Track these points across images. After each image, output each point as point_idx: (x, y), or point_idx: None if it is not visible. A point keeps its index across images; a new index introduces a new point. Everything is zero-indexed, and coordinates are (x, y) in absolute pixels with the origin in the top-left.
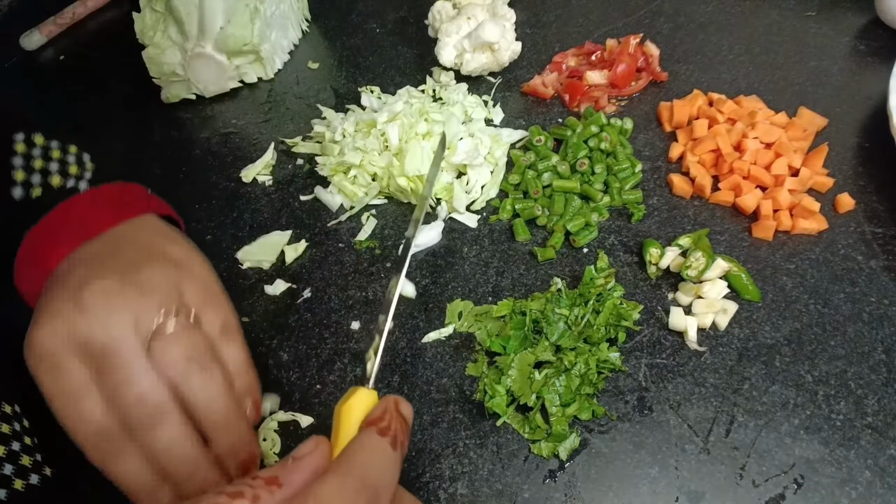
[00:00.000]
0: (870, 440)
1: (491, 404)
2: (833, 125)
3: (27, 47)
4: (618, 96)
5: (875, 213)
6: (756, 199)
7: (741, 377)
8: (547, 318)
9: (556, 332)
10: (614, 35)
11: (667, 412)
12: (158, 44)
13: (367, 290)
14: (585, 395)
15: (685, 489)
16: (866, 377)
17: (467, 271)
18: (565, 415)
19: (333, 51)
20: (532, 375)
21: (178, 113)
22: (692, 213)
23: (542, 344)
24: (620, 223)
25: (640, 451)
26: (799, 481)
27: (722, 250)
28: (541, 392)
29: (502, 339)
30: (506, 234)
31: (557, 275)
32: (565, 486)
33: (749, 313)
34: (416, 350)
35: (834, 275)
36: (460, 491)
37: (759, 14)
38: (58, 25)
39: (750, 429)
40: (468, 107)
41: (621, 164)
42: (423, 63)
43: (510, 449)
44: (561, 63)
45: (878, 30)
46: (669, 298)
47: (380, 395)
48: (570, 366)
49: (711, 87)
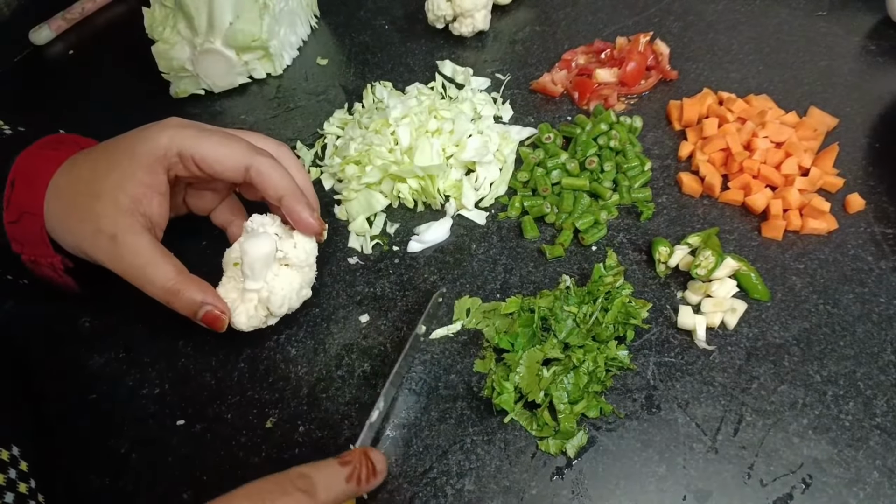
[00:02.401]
0: (878, 441)
1: (499, 401)
2: (843, 125)
3: (37, 42)
4: (627, 94)
5: (885, 213)
6: (766, 198)
7: (750, 376)
8: (555, 316)
9: (565, 329)
10: (624, 33)
11: (675, 411)
12: (167, 39)
13: (375, 286)
14: (593, 393)
15: (692, 488)
16: (875, 378)
17: (475, 268)
18: (573, 412)
19: (342, 47)
20: (540, 373)
21: (186, 108)
22: (701, 212)
23: (550, 341)
24: (629, 221)
25: (648, 450)
26: (807, 481)
27: (731, 249)
28: (549, 389)
29: (510, 336)
30: (514, 231)
31: (566, 272)
32: (573, 483)
33: (758, 313)
34: (424, 345)
35: (843, 275)
36: (468, 487)
37: (768, 13)
38: (67, 20)
39: (758, 428)
40: (477, 104)
41: (631, 163)
42: (432, 60)
43: (518, 445)
44: (570, 61)
45: (888, 30)
46: (678, 297)
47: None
48: (578, 363)
49: (721, 86)
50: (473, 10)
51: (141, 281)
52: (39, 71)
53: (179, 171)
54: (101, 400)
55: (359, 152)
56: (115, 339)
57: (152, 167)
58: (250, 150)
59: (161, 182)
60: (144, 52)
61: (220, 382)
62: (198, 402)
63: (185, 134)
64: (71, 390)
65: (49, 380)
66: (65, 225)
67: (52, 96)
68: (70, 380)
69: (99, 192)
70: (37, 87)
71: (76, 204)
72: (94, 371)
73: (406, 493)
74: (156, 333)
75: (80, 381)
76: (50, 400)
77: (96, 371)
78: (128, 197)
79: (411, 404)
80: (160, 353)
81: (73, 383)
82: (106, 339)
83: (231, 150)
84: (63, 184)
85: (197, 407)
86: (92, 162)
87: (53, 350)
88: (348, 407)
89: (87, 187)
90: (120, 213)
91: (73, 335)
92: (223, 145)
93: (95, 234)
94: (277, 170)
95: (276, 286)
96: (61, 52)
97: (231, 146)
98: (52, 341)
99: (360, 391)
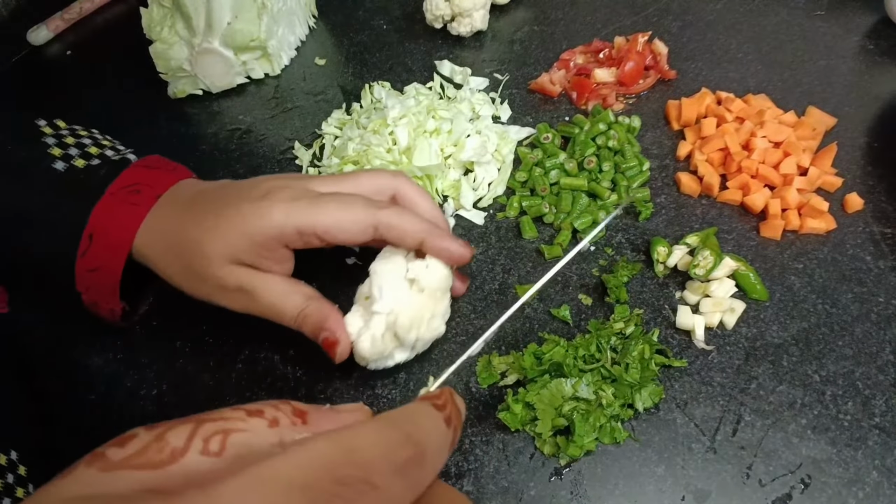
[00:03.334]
0: (877, 441)
1: (503, 416)
2: (842, 124)
3: (34, 42)
4: (626, 94)
5: (884, 213)
6: (764, 198)
7: (748, 376)
8: (569, 369)
9: (581, 385)
10: (622, 33)
11: (673, 411)
12: (165, 39)
13: None
14: (610, 419)
15: (691, 488)
16: (874, 377)
17: (474, 268)
18: (584, 445)
19: (340, 47)
20: (560, 407)
21: (184, 108)
22: (700, 212)
23: (567, 389)
24: (628, 221)
25: (647, 450)
26: (806, 481)
27: (730, 249)
28: (568, 416)
29: (529, 371)
30: (513, 231)
31: (566, 272)
32: (571, 483)
33: (757, 313)
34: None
35: (842, 275)
36: (466, 488)
37: (767, 12)
38: (65, 20)
39: (757, 428)
40: (475, 104)
41: (629, 163)
42: (430, 60)
43: (516, 446)
44: (569, 60)
45: (887, 29)
46: (677, 297)
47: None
48: (606, 405)
49: (720, 86)
50: (472, 10)
51: (276, 318)
52: (37, 71)
53: (296, 244)
54: (100, 401)
55: (357, 152)
56: (113, 340)
57: (268, 245)
58: (371, 208)
59: (280, 255)
60: (142, 52)
61: (219, 383)
62: (196, 403)
63: (299, 207)
64: (69, 391)
65: (47, 380)
66: (174, 279)
67: (50, 97)
68: (68, 380)
69: (209, 256)
70: (35, 87)
71: (183, 263)
72: (93, 372)
73: None
74: (154, 334)
75: (78, 381)
76: (48, 401)
77: (94, 372)
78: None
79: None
80: (158, 354)
81: (71, 384)
82: (104, 340)
83: (353, 213)
84: (158, 236)
85: (195, 408)
86: (193, 217)
87: (51, 351)
88: None
89: (197, 248)
90: (241, 271)
91: (71, 336)
92: (343, 210)
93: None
94: (405, 217)
95: (404, 309)
96: (59, 53)
97: (351, 210)
98: (49, 342)
99: (357, 392)
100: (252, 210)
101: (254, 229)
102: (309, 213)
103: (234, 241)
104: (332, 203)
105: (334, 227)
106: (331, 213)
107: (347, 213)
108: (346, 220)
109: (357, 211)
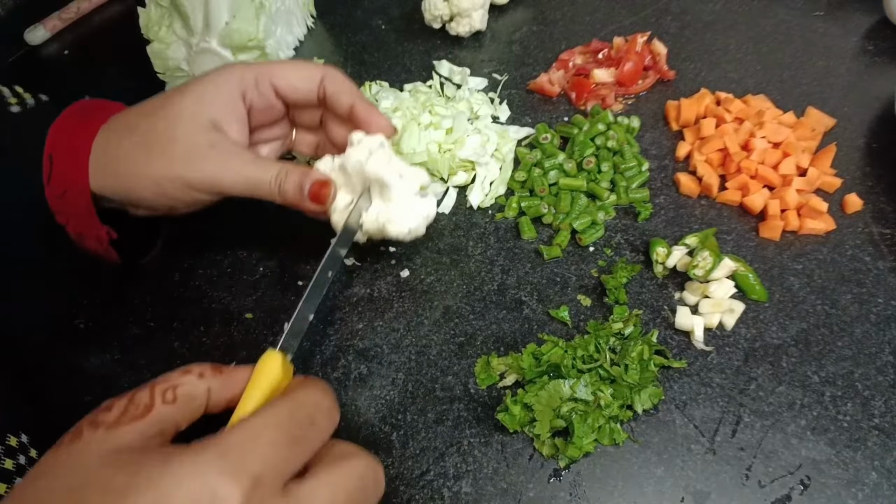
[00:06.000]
0: (877, 441)
1: (502, 417)
2: (841, 125)
3: (32, 42)
4: (625, 94)
5: (883, 213)
6: (763, 198)
7: (748, 377)
8: (567, 370)
9: (579, 385)
10: (621, 33)
11: (672, 412)
12: (163, 39)
13: (373, 287)
14: (609, 420)
15: (691, 489)
16: (873, 378)
17: (472, 269)
18: (583, 446)
19: (339, 47)
20: (559, 408)
21: None
22: (699, 213)
23: (565, 390)
24: (627, 222)
25: (646, 451)
26: (805, 482)
27: (729, 250)
28: (567, 418)
29: (528, 372)
30: (511, 231)
31: (565, 272)
32: (570, 485)
33: (756, 313)
34: (421, 347)
35: (841, 275)
36: (465, 489)
37: (766, 13)
38: (62, 20)
39: (756, 429)
40: (474, 104)
41: (628, 163)
42: (429, 59)
43: (515, 447)
44: (568, 61)
45: (886, 30)
46: (676, 298)
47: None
48: (605, 406)
49: (719, 86)
50: (470, 10)
51: (252, 189)
52: (35, 71)
53: (255, 99)
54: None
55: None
56: (109, 341)
57: (231, 93)
58: (319, 66)
59: (239, 108)
60: (140, 52)
61: None
62: None
63: (256, 64)
64: (65, 392)
65: (43, 381)
66: (133, 170)
67: (48, 96)
68: (64, 381)
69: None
70: (32, 87)
71: (147, 143)
72: (89, 373)
73: (403, 495)
74: (151, 335)
75: (74, 382)
76: (44, 401)
77: (91, 373)
78: (209, 119)
79: (408, 405)
80: (155, 355)
81: (67, 385)
82: (100, 341)
83: (304, 65)
84: (113, 143)
85: None
86: (147, 114)
87: (49, 352)
88: (344, 409)
89: (151, 128)
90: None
91: (67, 337)
92: (295, 66)
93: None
94: (346, 79)
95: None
96: (56, 52)
97: (302, 65)
98: (47, 343)
99: (355, 393)
100: (213, 73)
101: (218, 81)
102: (266, 66)
103: (201, 96)
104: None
105: (289, 75)
106: (284, 64)
107: (299, 64)
108: (298, 68)
109: (308, 64)
